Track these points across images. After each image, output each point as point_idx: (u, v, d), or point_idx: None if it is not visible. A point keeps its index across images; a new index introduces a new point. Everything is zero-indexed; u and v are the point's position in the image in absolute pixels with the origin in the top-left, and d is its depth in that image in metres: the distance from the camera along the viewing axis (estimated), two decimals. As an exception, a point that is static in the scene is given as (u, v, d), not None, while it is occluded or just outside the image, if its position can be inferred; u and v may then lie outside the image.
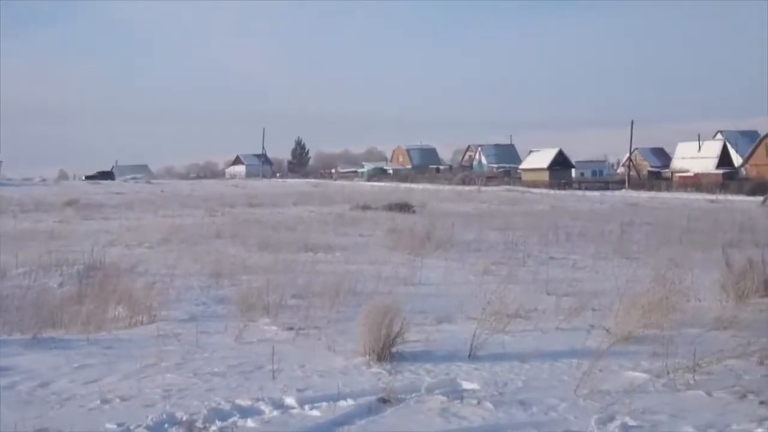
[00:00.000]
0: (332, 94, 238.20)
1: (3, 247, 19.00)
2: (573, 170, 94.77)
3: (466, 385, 7.35)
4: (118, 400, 6.93)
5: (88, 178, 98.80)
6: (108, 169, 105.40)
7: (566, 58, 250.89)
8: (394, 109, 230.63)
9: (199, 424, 6.28)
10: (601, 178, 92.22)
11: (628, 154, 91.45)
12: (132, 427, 6.14)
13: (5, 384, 7.47)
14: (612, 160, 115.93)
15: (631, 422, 6.30)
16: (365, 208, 34.43)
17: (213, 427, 6.24)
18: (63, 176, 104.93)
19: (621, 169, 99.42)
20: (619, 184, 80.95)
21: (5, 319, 10.95)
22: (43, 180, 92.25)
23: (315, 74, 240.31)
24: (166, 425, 6.23)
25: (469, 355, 8.25)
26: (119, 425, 6.20)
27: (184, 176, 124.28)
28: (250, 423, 6.36)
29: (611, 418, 6.37)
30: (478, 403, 6.82)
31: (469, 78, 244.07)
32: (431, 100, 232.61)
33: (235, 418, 6.43)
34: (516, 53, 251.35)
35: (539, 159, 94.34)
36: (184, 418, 6.36)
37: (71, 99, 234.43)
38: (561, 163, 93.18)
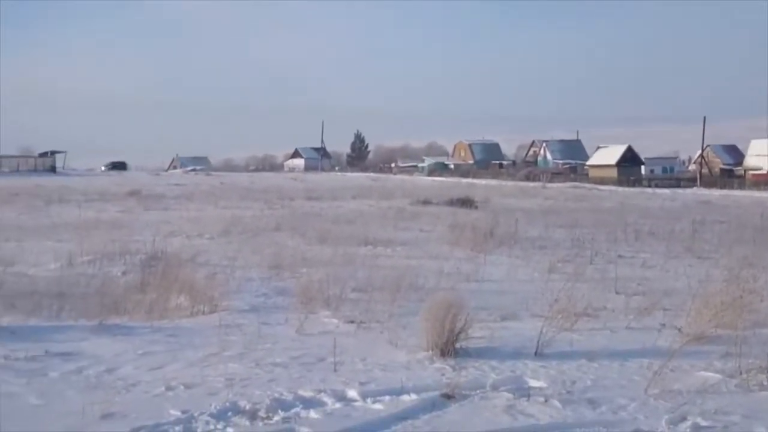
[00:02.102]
0: (393, 88, 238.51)
1: (69, 236, 19.38)
2: (642, 167, 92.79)
3: (533, 382, 7.20)
4: (182, 387, 6.94)
5: (107, 167, 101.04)
6: (122, 160, 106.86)
7: (637, 53, 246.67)
8: (456, 103, 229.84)
9: (262, 414, 6.24)
10: (671, 176, 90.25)
11: (699, 151, 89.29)
12: (196, 415, 6.13)
13: (73, 368, 7.56)
14: (683, 157, 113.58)
15: (703, 422, 6.12)
16: (426, 203, 34.20)
17: (276, 417, 6.20)
18: (125, 168, 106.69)
19: (692, 167, 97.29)
20: (691, 181, 79.22)
21: (71, 306, 11.13)
22: (107, 171, 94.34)
23: (376, 68, 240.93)
24: (229, 413, 6.21)
25: (536, 353, 8.08)
26: (183, 412, 6.19)
27: (243, 169, 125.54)
28: (312, 414, 6.31)
29: (682, 419, 6.20)
30: (546, 401, 6.67)
31: (534, 73, 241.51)
32: (494, 94, 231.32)
33: (297, 409, 6.38)
34: (584, 48, 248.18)
35: (607, 155, 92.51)
36: (248, 407, 6.32)
37: (133, 92, 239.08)
38: (630, 159, 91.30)
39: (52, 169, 75.41)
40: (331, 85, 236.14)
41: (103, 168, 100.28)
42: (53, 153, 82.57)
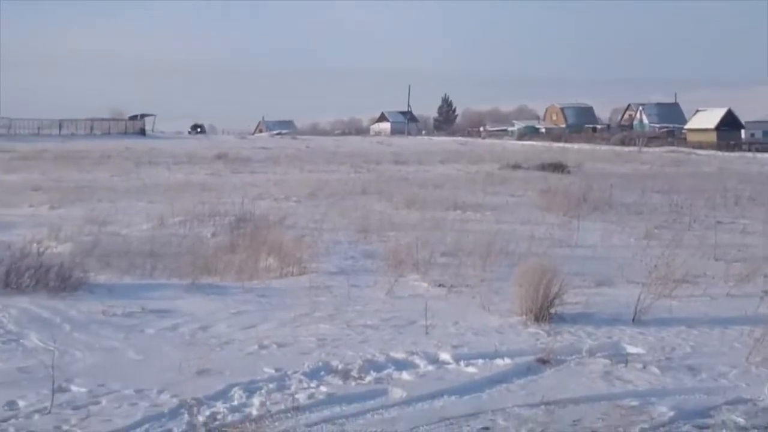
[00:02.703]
0: (481, 50, 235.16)
1: (159, 197, 19.81)
2: (743, 131, 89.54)
3: (631, 349, 7.04)
4: (275, 346, 7.01)
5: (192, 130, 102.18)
6: (201, 123, 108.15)
7: (738, 12, 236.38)
8: (547, 66, 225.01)
9: (354, 374, 6.25)
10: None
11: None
12: (289, 373, 6.18)
13: (168, 325, 7.72)
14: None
15: (807, 391, 5.89)
16: (516, 167, 33.61)
17: (368, 377, 6.20)
18: (212, 131, 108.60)
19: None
20: (794, 146, 75.87)
21: (164, 265, 11.35)
22: (195, 133, 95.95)
23: (464, 31, 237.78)
24: (322, 372, 6.24)
25: (633, 319, 7.88)
26: (277, 370, 6.25)
27: (329, 132, 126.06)
28: (405, 376, 6.28)
29: (785, 387, 5.97)
30: (644, 367, 6.52)
31: (630, 34, 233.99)
32: (587, 56, 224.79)
33: (389, 370, 6.37)
34: (680, 5, 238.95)
35: (706, 119, 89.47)
36: (340, 367, 6.35)
37: (220, 56, 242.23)
38: (730, 123, 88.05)
39: (142, 132, 76.88)
40: (418, 48, 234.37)
41: (189, 131, 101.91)
42: (143, 116, 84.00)
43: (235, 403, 5.56)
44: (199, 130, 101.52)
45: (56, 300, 8.43)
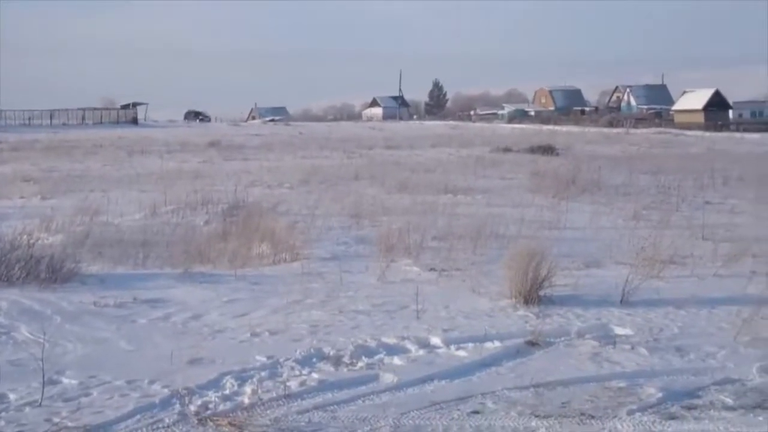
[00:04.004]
0: (471, 34, 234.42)
1: (152, 186, 19.78)
2: (730, 111, 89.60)
3: (619, 330, 7.10)
4: (267, 333, 7.05)
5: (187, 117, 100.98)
6: (201, 110, 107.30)
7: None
8: (536, 49, 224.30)
9: (346, 360, 6.30)
10: (761, 120, 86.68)
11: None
12: (281, 360, 6.22)
13: (160, 315, 7.74)
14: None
15: (795, 370, 5.96)
16: (506, 150, 33.70)
17: (360, 363, 6.25)
18: (205, 118, 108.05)
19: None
20: (782, 125, 75.98)
21: (156, 254, 11.38)
22: (197, 120, 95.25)
23: (454, 14, 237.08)
24: (314, 359, 6.28)
25: (621, 301, 7.95)
26: (269, 358, 6.29)
27: (321, 118, 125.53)
28: (396, 361, 6.34)
29: (774, 366, 6.05)
30: (632, 348, 6.59)
31: (617, 15, 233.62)
32: (575, 38, 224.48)
33: (381, 355, 6.43)
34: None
35: (693, 100, 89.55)
36: (332, 354, 6.39)
37: (211, 43, 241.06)
38: (717, 103, 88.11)
39: (134, 121, 76.66)
40: (409, 32, 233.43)
41: (185, 118, 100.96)
42: (135, 105, 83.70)
43: (227, 391, 5.59)
44: (201, 118, 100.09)
45: (47, 292, 8.44)
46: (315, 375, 5.96)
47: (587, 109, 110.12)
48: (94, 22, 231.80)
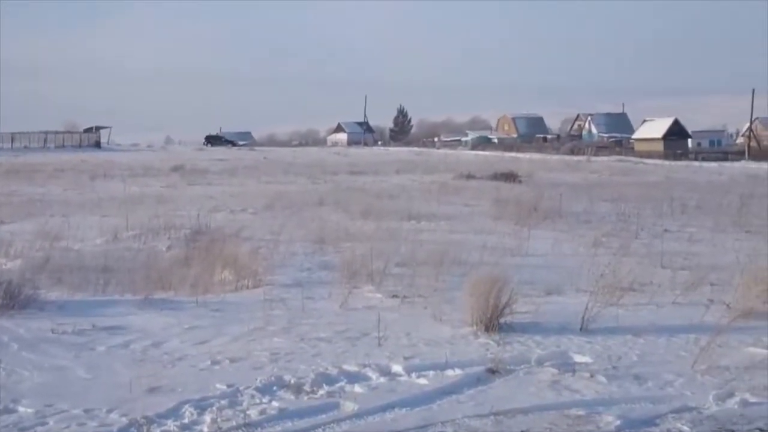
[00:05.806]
0: (435, 61, 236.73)
1: (114, 211, 19.60)
2: (689, 140, 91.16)
3: (578, 358, 7.16)
4: (227, 361, 7.01)
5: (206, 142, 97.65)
6: (218, 133, 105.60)
7: (683, 22, 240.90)
8: (500, 77, 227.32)
9: (306, 388, 6.29)
10: (719, 149, 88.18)
11: (748, 124, 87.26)
12: (242, 389, 6.19)
13: (120, 342, 7.67)
14: (731, 130, 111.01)
15: (751, 398, 6.09)
16: (469, 177, 33.91)
17: (321, 391, 6.24)
18: (169, 142, 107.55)
19: (741, 140, 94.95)
20: (739, 155, 77.17)
21: (117, 280, 11.27)
22: (150, 146, 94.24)
23: (418, 42, 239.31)
24: (274, 388, 6.26)
25: (581, 328, 8.02)
26: (229, 386, 6.26)
27: (287, 143, 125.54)
28: (357, 388, 6.33)
29: (730, 394, 6.18)
30: (591, 376, 6.64)
31: (580, 45, 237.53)
32: (538, 67, 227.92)
33: (342, 383, 6.43)
34: (628, 16, 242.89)
35: (653, 128, 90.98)
36: (293, 382, 6.38)
37: (176, 66, 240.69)
38: (677, 132, 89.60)
39: (97, 145, 75.99)
40: (374, 59, 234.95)
41: (204, 144, 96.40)
42: (98, 128, 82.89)
43: (186, 420, 5.56)
44: (231, 144, 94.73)
45: (4, 318, 8.32)
46: (275, 403, 5.94)
47: (549, 136, 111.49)
48: (57, 46, 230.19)
